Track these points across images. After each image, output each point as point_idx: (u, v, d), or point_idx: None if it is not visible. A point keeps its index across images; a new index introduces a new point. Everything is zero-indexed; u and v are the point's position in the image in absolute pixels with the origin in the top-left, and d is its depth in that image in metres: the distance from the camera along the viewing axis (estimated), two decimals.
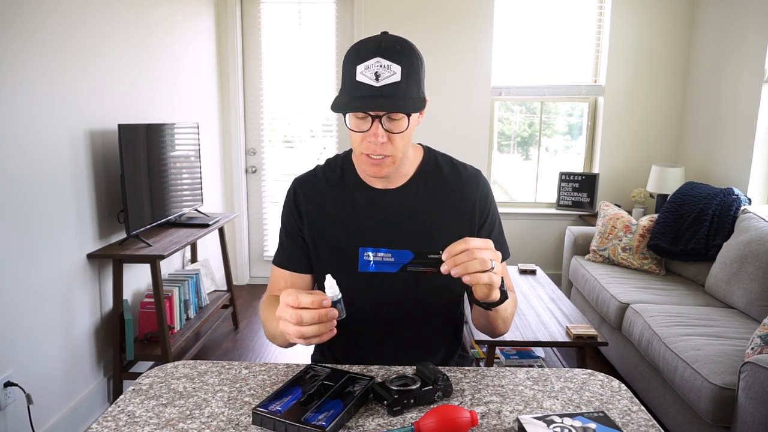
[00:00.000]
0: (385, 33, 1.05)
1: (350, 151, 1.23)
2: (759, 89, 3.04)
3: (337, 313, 0.89)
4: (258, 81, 4.04)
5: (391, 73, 0.99)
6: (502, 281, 1.00)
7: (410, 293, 1.14)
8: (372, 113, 1.01)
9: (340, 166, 1.21)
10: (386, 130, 1.02)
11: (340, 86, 1.07)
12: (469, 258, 0.89)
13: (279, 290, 1.20)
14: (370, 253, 0.92)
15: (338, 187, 1.19)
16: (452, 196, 1.18)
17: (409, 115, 1.03)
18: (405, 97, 1.01)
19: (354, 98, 1.01)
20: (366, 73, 0.99)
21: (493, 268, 0.91)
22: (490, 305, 1.02)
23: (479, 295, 0.98)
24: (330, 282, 0.89)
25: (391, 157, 1.06)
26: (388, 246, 0.94)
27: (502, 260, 1.21)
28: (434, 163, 1.21)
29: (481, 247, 0.91)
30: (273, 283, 1.24)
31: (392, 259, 0.92)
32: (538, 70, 4.03)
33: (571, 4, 3.93)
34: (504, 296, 1.01)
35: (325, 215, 1.18)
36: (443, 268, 0.91)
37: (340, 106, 1.02)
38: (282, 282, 1.22)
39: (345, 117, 1.06)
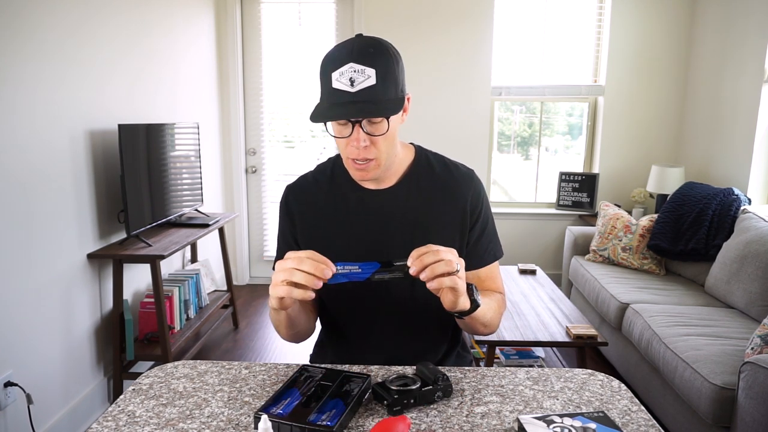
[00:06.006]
0: (359, 35, 1.04)
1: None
2: (759, 89, 3.04)
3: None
4: (258, 81, 4.04)
5: (365, 77, 0.98)
6: (474, 291, 1.00)
7: (406, 292, 1.14)
8: (351, 119, 1.00)
9: (331, 168, 1.21)
10: (367, 134, 1.02)
11: (320, 94, 1.06)
12: (435, 258, 0.89)
13: None
14: (338, 268, 0.92)
15: (329, 188, 1.19)
16: (444, 195, 1.18)
17: (388, 118, 1.02)
18: (382, 100, 0.99)
19: (331, 105, 1.00)
20: (341, 79, 0.98)
21: (458, 271, 0.91)
22: (461, 314, 1.01)
23: (447, 303, 0.96)
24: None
25: (375, 161, 1.06)
26: (377, 245, 0.94)
27: (495, 260, 1.22)
28: (426, 162, 1.21)
29: (445, 251, 0.91)
30: None
31: (359, 270, 0.92)
32: (538, 70, 4.03)
33: (571, 4, 3.93)
34: (474, 305, 0.99)
35: (318, 217, 1.18)
36: (412, 271, 0.90)
37: (318, 115, 1.01)
38: None
39: (326, 124, 1.05)
